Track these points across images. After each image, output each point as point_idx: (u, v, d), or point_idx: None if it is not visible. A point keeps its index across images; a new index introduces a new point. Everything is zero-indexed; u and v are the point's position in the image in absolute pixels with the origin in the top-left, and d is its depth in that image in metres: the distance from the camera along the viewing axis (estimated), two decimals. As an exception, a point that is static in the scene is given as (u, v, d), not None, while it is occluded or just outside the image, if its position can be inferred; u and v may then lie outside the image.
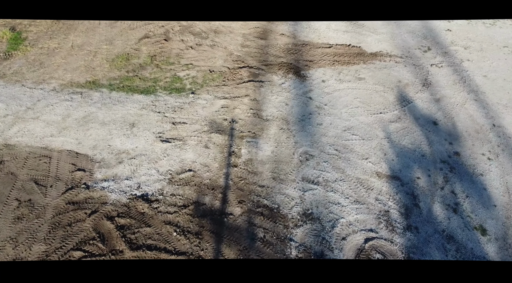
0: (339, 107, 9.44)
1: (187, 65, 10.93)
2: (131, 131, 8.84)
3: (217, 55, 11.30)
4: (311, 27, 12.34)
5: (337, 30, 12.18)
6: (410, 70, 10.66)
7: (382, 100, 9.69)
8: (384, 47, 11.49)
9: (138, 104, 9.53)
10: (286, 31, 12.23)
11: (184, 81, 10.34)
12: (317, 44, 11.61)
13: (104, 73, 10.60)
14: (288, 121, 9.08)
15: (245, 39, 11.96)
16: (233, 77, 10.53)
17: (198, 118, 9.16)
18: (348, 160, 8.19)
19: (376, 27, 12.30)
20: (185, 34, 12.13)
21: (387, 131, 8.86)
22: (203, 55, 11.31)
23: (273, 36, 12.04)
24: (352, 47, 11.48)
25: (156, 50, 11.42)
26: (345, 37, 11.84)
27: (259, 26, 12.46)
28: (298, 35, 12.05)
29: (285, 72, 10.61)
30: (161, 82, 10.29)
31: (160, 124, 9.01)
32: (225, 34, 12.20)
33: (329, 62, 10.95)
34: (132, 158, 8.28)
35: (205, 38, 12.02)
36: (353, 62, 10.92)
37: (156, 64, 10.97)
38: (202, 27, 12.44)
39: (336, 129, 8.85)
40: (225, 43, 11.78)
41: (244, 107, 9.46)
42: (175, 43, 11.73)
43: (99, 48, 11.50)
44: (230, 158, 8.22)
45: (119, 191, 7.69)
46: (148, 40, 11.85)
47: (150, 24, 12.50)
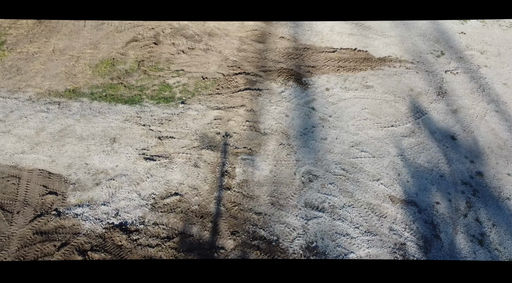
0: (346, 119, 8.36)
1: (177, 71, 9.85)
2: (112, 148, 7.76)
3: (211, 60, 10.22)
4: (313, 29, 11.26)
5: (342, 33, 11.09)
6: (423, 77, 9.57)
7: (393, 112, 8.60)
8: (393, 52, 10.40)
9: (121, 116, 8.45)
10: (286, 33, 11.15)
11: (173, 90, 9.26)
12: (320, 48, 10.53)
13: (86, 80, 9.52)
14: (288, 135, 8.00)
15: (241, 43, 10.89)
16: (228, 84, 9.46)
17: (187, 132, 8.08)
18: (357, 182, 7.11)
19: (384, 30, 11.21)
20: (176, 37, 11.04)
21: (400, 147, 7.77)
22: (195, 60, 10.23)
23: (272, 40, 10.97)
24: (358, 51, 10.39)
25: (144, 55, 10.34)
26: (350, 41, 10.76)
27: (256, 29, 11.38)
28: (299, 38, 10.98)
29: (285, 79, 9.54)
30: (148, 91, 9.21)
31: (144, 139, 7.92)
32: (220, 37, 11.12)
33: (333, 68, 9.87)
34: (111, 179, 7.20)
35: (199, 41, 10.94)
36: (360, 68, 9.83)
37: (144, 70, 9.89)
38: (196, 30, 11.36)
39: (343, 145, 7.76)
40: (220, 47, 10.70)
41: (240, 119, 8.39)
42: (165, 47, 10.64)
43: (83, 53, 10.42)
44: (223, 179, 7.14)
45: (94, 219, 6.61)
46: (136, 44, 10.76)
47: (139, 26, 11.42)
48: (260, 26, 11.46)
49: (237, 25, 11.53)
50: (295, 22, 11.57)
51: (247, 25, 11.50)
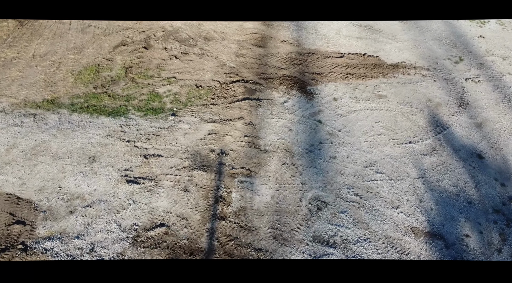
0: (357, 134, 7.31)
1: (169, 79, 8.81)
2: (90, 168, 6.71)
3: (206, 67, 9.18)
4: (318, 32, 10.23)
5: (349, 36, 10.06)
6: (441, 86, 8.53)
7: (411, 125, 7.56)
8: (406, 57, 9.37)
9: (103, 131, 7.40)
10: (289, 37, 10.12)
11: (163, 100, 8.22)
12: (326, 53, 9.50)
13: (67, 89, 8.48)
14: (292, 153, 6.96)
15: (240, 47, 9.86)
16: (224, 94, 8.42)
17: (177, 149, 7.04)
18: (373, 210, 6.06)
19: (395, 33, 10.18)
20: (169, 41, 10.01)
21: (420, 168, 6.73)
22: (189, 67, 9.20)
23: (273, 44, 9.94)
24: (368, 57, 9.35)
25: (132, 61, 9.30)
26: (359, 45, 9.72)
27: (256, 32, 10.35)
28: (302, 42, 9.95)
29: (288, 88, 8.50)
30: (135, 101, 8.17)
31: (128, 157, 6.88)
32: (216, 41, 10.09)
33: (341, 75, 8.83)
34: (88, 206, 6.15)
35: (193, 45, 9.91)
36: (371, 76, 8.80)
37: (131, 77, 8.85)
38: (190, 33, 10.32)
39: (355, 165, 6.72)
40: (216, 52, 9.67)
41: (237, 133, 7.35)
42: (156, 52, 9.61)
43: (65, 58, 9.38)
44: (217, 207, 6.09)
45: (65, 255, 5.55)
46: (125, 48, 9.73)
47: (129, 29, 10.39)
48: (260, 29, 10.44)
49: (235, 28, 10.51)
50: (298, 25, 10.55)
51: (246, 28, 10.48)
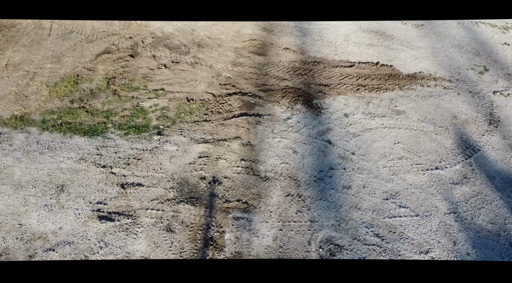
0: (374, 157, 6.18)
1: (156, 91, 7.69)
2: (57, 200, 5.57)
3: (199, 77, 8.08)
4: (324, 39, 9.14)
5: (359, 43, 8.96)
6: (467, 100, 7.41)
7: (436, 147, 6.43)
8: (424, 67, 8.26)
9: (75, 153, 6.27)
10: (292, 44, 9.03)
11: (149, 115, 7.10)
12: (334, 62, 8.40)
13: (40, 103, 7.36)
14: (298, 181, 5.83)
15: (237, 55, 8.76)
16: (219, 108, 7.31)
17: (161, 176, 5.91)
18: (398, 255, 4.91)
19: (410, 40, 9.08)
20: (158, 49, 8.91)
21: (451, 200, 5.58)
22: (180, 77, 8.09)
23: (275, 51, 8.85)
24: (381, 66, 8.25)
25: (116, 70, 8.19)
26: (371, 53, 8.63)
27: (256, 38, 9.26)
28: (307, 49, 8.86)
29: (291, 102, 7.39)
30: (116, 117, 7.04)
31: (102, 187, 5.74)
32: (211, 48, 8.99)
33: (351, 87, 7.72)
34: (51, 249, 5.00)
35: (185, 53, 8.81)
36: (386, 88, 7.69)
37: (114, 89, 7.74)
38: (182, 39, 9.23)
39: (374, 197, 5.58)
40: (211, 61, 8.57)
41: (233, 157, 6.23)
42: (144, 61, 8.51)
43: (41, 68, 8.27)
44: (206, 252, 4.94)
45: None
46: (109, 57, 8.63)
47: (114, 35, 9.30)
48: (259, 35, 9.35)
49: (232, 34, 9.42)
50: (301, 31, 9.48)
51: (244, 34, 9.39)
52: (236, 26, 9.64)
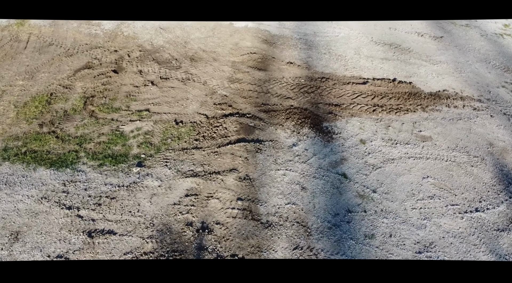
0: (400, 196, 5.04)
1: (140, 112, 6.60)
2: (9, 252, 4.40)
3: (191, 95, 7.00)
4: (332, 52, 8.11)
5: (372, 57, 7.92)
6: (502, 124, 6.30)
7: (472, 183, 5.29)
8: (449, 84, 7.19)
9: (37, 190, 5.14)
10: (296, 58, 7.99)
11: (129, 142, 5.99)
12: (345, 79, 7.34)
13: (4, 127, 6.25)
14: (308, 228, 4.68)
15: (235, 70, 7.71)
16: (212, 133, 6.21)
17: (139, 221, 4.76)
18: None
19: (430, 53, 8.03)
20: (146, 63, 7.86)
21: (498, 252, 4.41)
22: (168, 96, 7.01)
23: (277, 66, 7.80)
24: (399, 83, 7.18)
25: (96, 88, 7.12)
26: (386, 68, 7.57)
27: (255, 51, 8.23)
28: (313, 64, 7.81)
29: (297, 125, 6.30)
30: (91, 144, 5.93)
31: (65, 235, 4.59)
32: (206, 62, 7.94)
33: (366, 107, 6.64)
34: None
35: (176, 68, 7.75)
36: (406, 109, 6.60)
37: (91, 110, 6.64)
38: (174, 52, 8.19)
39: (404, 250, 4.42)
40: (205, 76, 7.51)
41: (227, 195, 5.10)
42: (128, 77, 7.44)
43: (11, 85, 7.20)
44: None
45: None
46: (89, 72, 7.57)
47: (98, 48, 8.25)
48: (260, 47, 8.31)
49: (230, 47, 8.38)
50: (307, 43, 8.45)
51: (243, 47, 8.35)
52: (234, 38, 8.62)
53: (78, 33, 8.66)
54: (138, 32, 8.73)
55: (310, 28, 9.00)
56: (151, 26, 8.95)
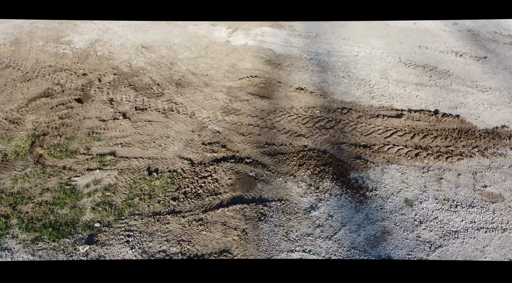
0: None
1: (102, 157, 4.94)
2: None
3: (173, 132, 5.36)
4: (353, 75, 6.52)
5: (403, 82, 6.32)
6: None
7: None
8: (507, 118, 5.52)
9: None
10: (308, 82, 6.41)
11: (82, 201, 4.30)
12: (372, 110, 5.72)
13: None
14: None
15: (231, 98, 6.10)
16: (197, 188, 4.52)
17: None
18: None
19: (475, 78, 6.42)
20: (120, 89, 6.26)
21: None
22: (144, 133, 5.37)
23: (284, 93, 6.20)
24: (443, 117, 5.53)
25: (51, 123, 5.48)
26: (423, 96, 5.95)
27: (257, 74, 6.65)
28: (330, 90, 6.22)
29: (314, 175, 4.62)
30: (29, 206, 4.24)
31: None
32: (195, 88, 6.34)
33: (406, 150, 4.97)
34: None
35: (157, 96, 6.15)
36: (459, 152, 4.92)
37: (39, 154, 4.98)
38: (156, 76, 6.61)
39: None
40: (192, 106, 5.89)
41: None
42: (95, 107, 5.82)
43: None
44: None
45: None
46: (46, 102, 5.94)
47: (63, 71, 6.67)
48: (262, 70, 6.73)
49: (225, 69, 6.79)
50: (319, 64, 6.88)
51: (242, 69, 6.76)
52: (231, 59, 7.06)
53: (42, 53, 7.11)
54: (115, 51, 7.17)
55: (322, 46, 7.46)
56: (131, 44, 7.41)
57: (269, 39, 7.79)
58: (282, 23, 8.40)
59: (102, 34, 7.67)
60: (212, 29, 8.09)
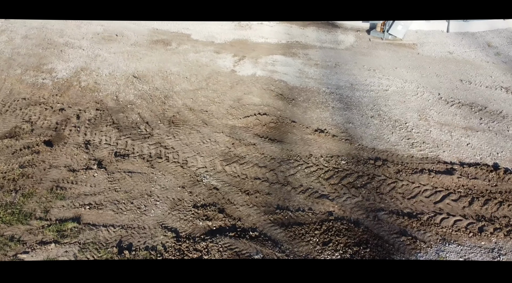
0: None
1: (62, 224, 3.75)
2: None
3: (158, 188, 4.20)
4: (384, 115, 5.34)
5: (448, 124, 5.12)
6: None
7: None
8: None
9: None
10: (329, 122, 5.25)
11: (22, 296, 3.17)
12: (413, 162, 4.48)
13: None
14: None
15: (234, 142, 4.97)
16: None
17: None
18: None
19: (537, 119, 5.21)
20: (100, 128, 5.19)
21: None
22: (120, 189, 4.21)
23: (300, 135, 5.05)
24: (507, 174, 4.26)
25: (8, 174, 4.36)
26: (476, 144, 4.72)
27: (267, 111, 5.54)
28: (357, 133, 5.05)
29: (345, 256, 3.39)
30: None
31: None
32: (191, 127, 5.24)
33: (466, 223, 3.70)
34: None
35: (144, 137, 5.05)
36: (541, 228, 3.67)
37: (-19, 218, 3.87)
38: (146, 112, 5.53)
39: None
40: (186, 152, 4.76)
41: None
42: (66, 153, 4.72)
43: None
44: None
45: None
46: (10, 144, 4.87)
47: (37, 105, 5.65)
48: (273, 105, 5.62)
49: (229, 104, 5.70)
50: (341, 99, 5.74)
51: (248, 104, 5.66)
52: (236, 91, 5.99)
53: (18, 83, 6.14)
54: (102, 81, 6.18)
55: (344, 78, 6.37)
56: (121, 73, 6.42)
57: (281, 69, 6.75)
58: (296, 51, 7.38)
59: (89, 62, 6.72)
60: (216, 57, 7.09)
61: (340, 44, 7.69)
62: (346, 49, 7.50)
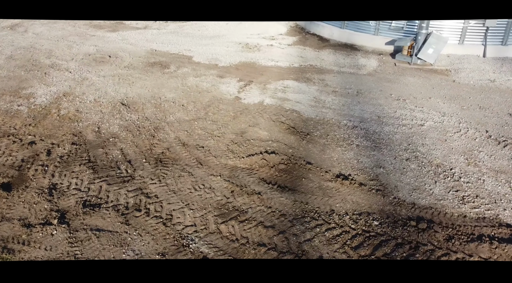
0: None
1: (-6, 309, 2.87)
2: None
3: (129, 256, 3.19)
4: (423, 157, 4.28)
5: (505, 172, 4.01)
6: None
7: None
8: None
9: None
10: (353, 166, 4.24)
11: None
12: (467, 225, 3.40)
13: None
14: None
15: (234, 189, 3.98)
16: None
17: None
18: None
19: None
20: (72, 168, 4.28)
21: None
22: (81, 255, 3.24)
23: (317, 181, 4.05)
24: None
25: None
26: (548, 200, 3.68)
27: (276, 148, 4.58)
28: (390, 182, 4.01)
29: None
30: None
31: None
32: (182, 168, 4.29)
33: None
34: None
35: (123, 181, 4.10)
36: None
37: None
38: (129, 148, 4.63)
39: None
40: (172, 202, 3.79)
41: None
42: (25, 200, 3.79)
43: None
44: None
45: None
46: (-43, 186, 4.01)
47: (4, 138, 4.80)
48: (284, 141, 4.66)
49: (231, 138, 4.76)
50: (368, 136, 4.75)
51: (254, 139, 4.71)
52: (239, 123, 5.07)
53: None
54: (84, 109, 5.33)
55: (368, 108, 5.41)
56: (108, 100, 5.58)
57: (293, 96, 5.83)
58: (310, 76, 6.49)
59: (74, 86, 5.92)
60: (219, 82, 6.24)
61: (361, 69, 6.77)
62: (368, 74, 6.57)
